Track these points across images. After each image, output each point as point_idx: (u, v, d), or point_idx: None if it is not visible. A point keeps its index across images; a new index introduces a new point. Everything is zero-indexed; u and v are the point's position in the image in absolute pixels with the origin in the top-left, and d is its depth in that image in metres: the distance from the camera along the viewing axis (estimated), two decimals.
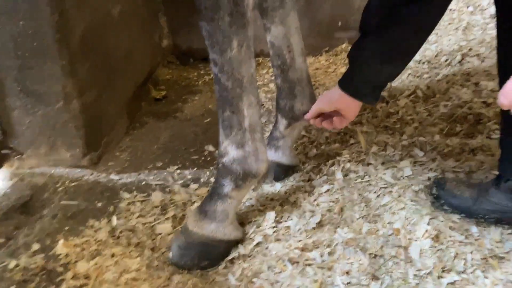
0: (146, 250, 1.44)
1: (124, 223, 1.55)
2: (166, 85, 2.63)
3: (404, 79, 2.24)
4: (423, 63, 2.30)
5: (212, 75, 2.75)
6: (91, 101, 1.84)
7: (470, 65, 2.18)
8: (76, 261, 1.40)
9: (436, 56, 2.30)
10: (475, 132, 1.80)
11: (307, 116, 1.48)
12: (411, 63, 2.32)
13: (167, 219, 1.56)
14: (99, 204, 1.67)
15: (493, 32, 2.39)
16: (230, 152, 1.31)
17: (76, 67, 1.72)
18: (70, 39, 1.67)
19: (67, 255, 1.43)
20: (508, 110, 1.06)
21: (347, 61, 1.79)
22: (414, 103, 2.01)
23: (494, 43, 2.30)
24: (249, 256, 1.36)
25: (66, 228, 1.56)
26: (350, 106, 1.37)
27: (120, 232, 1.51)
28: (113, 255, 1.42)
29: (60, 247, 1.45)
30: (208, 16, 1.14)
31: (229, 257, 1.37)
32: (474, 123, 1.84)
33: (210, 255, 1.35)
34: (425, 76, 2.22)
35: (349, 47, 2.78)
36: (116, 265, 1.38)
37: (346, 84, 1.34)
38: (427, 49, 2.37)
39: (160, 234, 1.50)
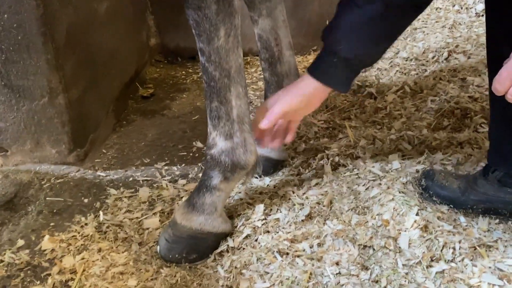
0: (133, 245, 1.42)
1: (111, 219, 1.53)
2: (153, 84, 2.62)
3: (391, 76, 2.25)
4: (411, 60, 2.32)
5: (200, 74, 2.74)
6: (77, 97, 1.82)
7: (457, 62, 2.20)
8: (62, 256, 1.38)
9: (423, 53, 2.32)
10: (462, 126, 1.81)
11: (266, 122, 1.27)
12: (399, 60, 2.34)
13: (154, 214, 1.54)
14: (86, 200, 1.65)
15: (479, 30, 2.43)
16: (218, 143, 1.30)
17: (61, 62, 1.69)
18: (55, 33, 1.65)
19: (52, 250, 1.40)
20: (501, 98, 1.06)
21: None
22: (402, 98, 2.02)
23: (480, 40, 2.35)
24: (238, 249, 1.34)
25: (52, 224, 1.53)
26: (320, 98, 1.26)
27: (107, 227, 1.49)
28: (100, 250, 1.39)
29: (46, 243, 1.42)
30: (194, 4, 1.13)
31: (218, 250, 1.35)
32: (461, 118, 1.86)
33: (199, 248, 1.34)
34: (413, 72, 2.24)
35: None
36: (103, 260, 1.36)
37: (319, 70, 1.21)
38: (414, 46, 2.39)
39: (147, 229, 1.48)
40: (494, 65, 1.31)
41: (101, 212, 1.54)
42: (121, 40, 2.30)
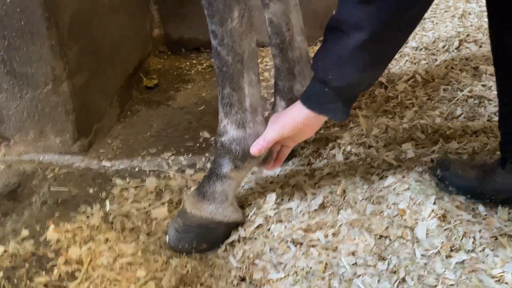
0: (141, 235, 1.37)
1: (118, 209, 1.48)
2: (157, 75, 2.57)
3: (401, 65, 2.20)
4: (420, 49, 2.27)
5: (205, 65, 2.70)
6: (81, 86, 1.77)
7: (468, 51, 2.16)
8: (68, 247, 1.33)
9: (433, 42, 2.28)
10: (476, 115, 1.77)
11: (258, 148, 1.24)
12: (408, 50, 2.30)
13: (162, 204, 1.50)
14: (91, 191, 1.61)
15: None
16: (229, 131, 1.26)
17: (65, 49, 1.65)
18: (59, 19, 1.60)
19: (58, 240, 1.36)
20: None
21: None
22: (413, 87, 1.98)
23: None
24: (250, 239, 1.30)
25: (57, 214, 1.49)
26: (315, 127, 1.26)
27: (114, 217, 1.45)
28: (107, 240, 1.35)
29: (51, 233, 1.38)
30: None
31: (229, 240, 1.31)
32: (474, 106, 1.81)
33: (209, 237, 1.30)
34: (423, 62, 2.19)
35: None
36: (110, 250, 1.31)
37: (311, 99, 1.17)
38: (424, 36, 2.35)
39: (155, 219, 1.44)
40: (498, 57, 1.27)
41: (107, 202, 1.50)
42: (124, 30, 2.25)
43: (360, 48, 1.03)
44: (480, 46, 2.18)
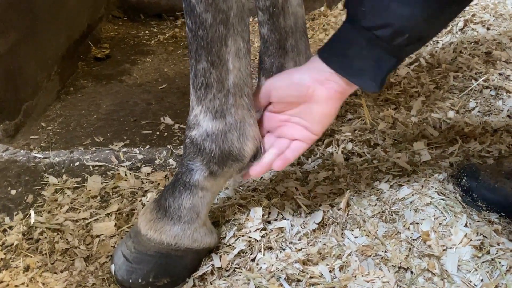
0: (77, 261, 1.01)
1: (47, 220, 1.10)
2: (110, 44, 2.15)
3: None
4: None
5: (167, 35, 2.29)
6: (5, 52, 1.35)
7: (475, 33, 1.87)
8: None
9: None
10: (493, 109, 1.49)
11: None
12: None
13: (108, 215, 1.13)
14: (13, 192, 1.22)
15: None
16: (202, 123, 0.89)
17: None
18: None
19: None
20: None
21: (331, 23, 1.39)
22: (418, 73, 1.67)
23: (498, 10, 2.03)
24: (228, 271, 0.96)
25: None
26: (328, 97, 0.83)
27: (41, 233, 1.07)
28: (27, 269, 0.98)
29: None
30: None
31: (199, 273, 0.96)
32: (490, 98, 1.53)
33: (172, 270, 0.94)
34: None
35: (328, 11, 2.43)
36: (32, 284, 0.94)
37: (332, 49, 0.82)
38: None
39: (98, 236, 1.07)
40: None
41: (32, 211, 1.11)
42: None
43: None
44: (488, 29, 1.90)
